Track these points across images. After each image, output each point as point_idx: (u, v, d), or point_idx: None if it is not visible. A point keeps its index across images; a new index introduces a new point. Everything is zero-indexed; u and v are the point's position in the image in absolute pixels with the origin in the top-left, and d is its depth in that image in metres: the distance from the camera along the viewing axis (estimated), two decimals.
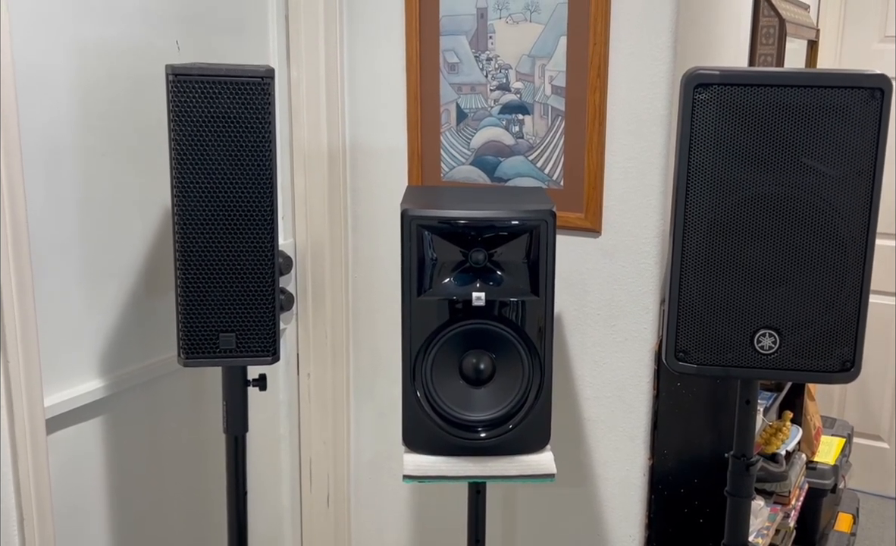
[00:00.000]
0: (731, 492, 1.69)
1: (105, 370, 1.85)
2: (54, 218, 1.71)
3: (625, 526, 2.10)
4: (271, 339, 1.65)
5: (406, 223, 1.60)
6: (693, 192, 1.48)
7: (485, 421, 1.66)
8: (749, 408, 1.66)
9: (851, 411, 3.89)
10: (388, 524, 2.43)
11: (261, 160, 1.57)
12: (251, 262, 1.61)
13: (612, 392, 2.07)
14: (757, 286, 1.50)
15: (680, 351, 1.55)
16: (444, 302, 1.64)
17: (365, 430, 2.41)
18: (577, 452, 2.13)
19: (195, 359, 1.63)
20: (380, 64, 2.19)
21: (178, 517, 2.10)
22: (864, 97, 1.42)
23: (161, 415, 2.01)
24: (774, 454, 2.48)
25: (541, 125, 2.03)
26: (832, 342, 1.51)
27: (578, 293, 2.06)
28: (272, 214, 1.60)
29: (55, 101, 1.69)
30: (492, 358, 1.66)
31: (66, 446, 1.79)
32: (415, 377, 1.65)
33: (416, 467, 1.66)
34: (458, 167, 2.15)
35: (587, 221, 2.01)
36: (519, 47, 2.02)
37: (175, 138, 1.53)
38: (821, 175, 1.45)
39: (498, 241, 1.64)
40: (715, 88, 1.44)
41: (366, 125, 2.24)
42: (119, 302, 1.87)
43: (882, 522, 3.70)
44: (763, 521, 2.31)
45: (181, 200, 1.56)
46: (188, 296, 1.60)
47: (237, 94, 1.53)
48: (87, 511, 1.87)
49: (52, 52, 1.67)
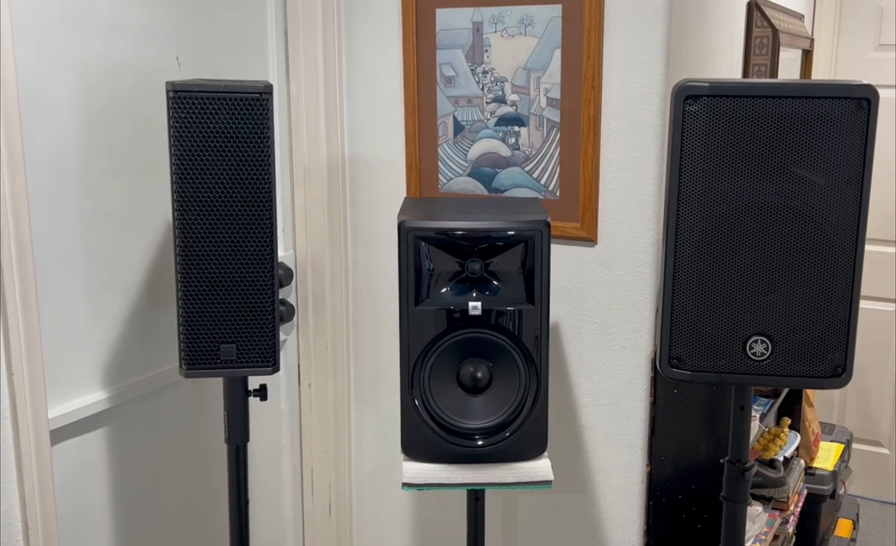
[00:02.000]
0: (727, 497, 1.70)
1: (108, 382, 1.88)
2: (58, 233, 1.74)
3: (624, 532, 2.12)
4: (271, 350, 1.67)
5: (403, 234, 1.63)
6: (684, 202, 1.50)
7: (482, 429, 1.68)
8: (743, 414, 1.68)
9: (851, 417, 3.90)
10: (390, 533, 2.45)
11: (260, 174, 1.60)
12: (251, 274, 1.63)
13: (609, 400, 2.09)
14: (749, 293, 1.52)
15: (674, 358, 1.57)
16: (442, 311, 1.66)
17: (366, 439, 2.43)
18: (575, 460, 2.15)
19: (196, 370, 1.65)
20: (378, 78, 2.22)
21: (180, 527, 2.12)
22: (852, 107, 1.44)
23: (163, 425, 2.04)
24: (772, 460, 2.50)
25: (536, 137, 2.06)
26: (824, 348, 1.52)
27: (575, 302, 2.08)
28: (271, 227, 1.63)
29: (58, 117, 1.72)
30: (489, 366, 1.68)
31: (70, 457, 1.82)
32: (413, 386, 1.67)
33: (415, 475, 1.68)
34: (455, 178, 2.17)
35: (583, 231, 2.04)
36: (514, 60, 2.05)
37: (175, 153, 1.56)
38: (810, 184, 1.47)
39: (494, 251, 1.66)
40: (704, 100, 1.46)
41: (364, 138, 2.27)
42: (122, 315, 1.90)
43: (883, 528, 3.71)
44: (761, 527, 2.32)
45: (182, 214, 1.59)
46: (189, 308, 1.62)
47: (236, 109, 1.56)
48: (91, 521, 1.89)
49: (54, 70, 1.70)
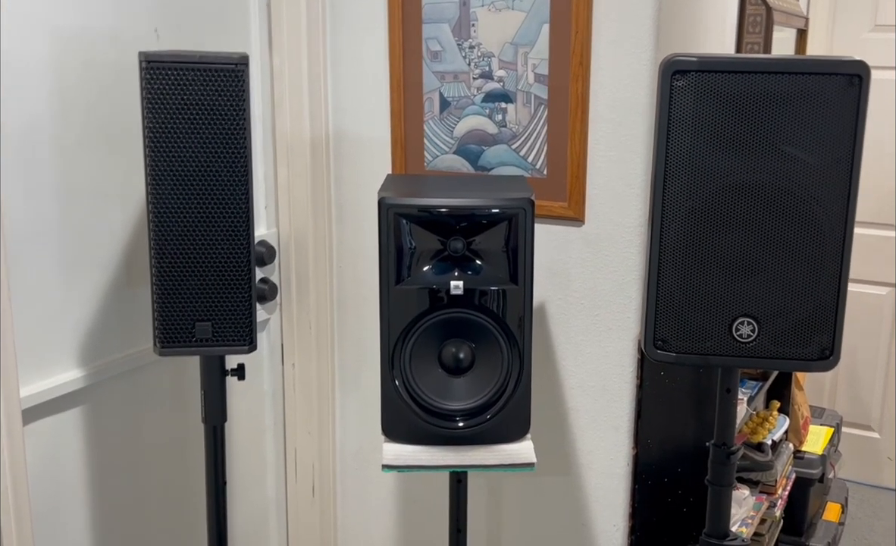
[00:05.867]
0: (712, 480, 1.69)
1: (84, 360, 1.84)
2: (31, 207, 1.70)
3: (609, 515, 2.10)
4: (248, 329, 1.64)
5: (383, 211, 1.59)
6: (671, 181, 1.47)
7: (464, 410, 1.66)
8: (730, 396, 1.66)
9: (842, 401, 3.89)
10: (374, 514, 2.43)
11: (236, 148, 1.56)
12: (227, 251, 1.60)
13: (595, 382, 2.06)
14: (735, 274, 1.49)
15: (659, 339, 1.54)
16: (423, 291, 1.63)
17: (350, 420, 2.40)
18: (561, 442, 2.12)
19: (171, 348, 1.62)
20: (362, 52, 2.18)
21: (158, 508, 2.09)
22: (843, 84, 1.41)
23: (141, 405, 2.00)
24: (760, 443, 2.48)
25: (524, 114, 2.02)
26: (811, 330, 1.50)
27: (562, 283, 2.05)
28: (247, 202, 1.59)
29: (32, 89, 1.67)
30: (471, 347, 1.65)
31: (44, 437, 1.78)
32: (393, 366, 1.64)
33: (396, 457, 1.66)
34: (441, 156, 2.13)
35: (570, 210, 2.00)
36: (502, 35, 2.01)
37: (149, 125, 1.52)
38: (799, 163, 1.44)
39: (476, 229, 1.63)
40: (693, 75, 1.42)
41: (349, 114, 2.23)
42: (98, 291, 1.86)
43: (872, 512, 3.71)
44: (748, 510, 2.31)
45: (155, 189, 1.55)
46: (163, 284, 1.59)
47: (211, 81, 1.52)
48: (66, 502, 1.86)
49: (29, 41, 1.66)
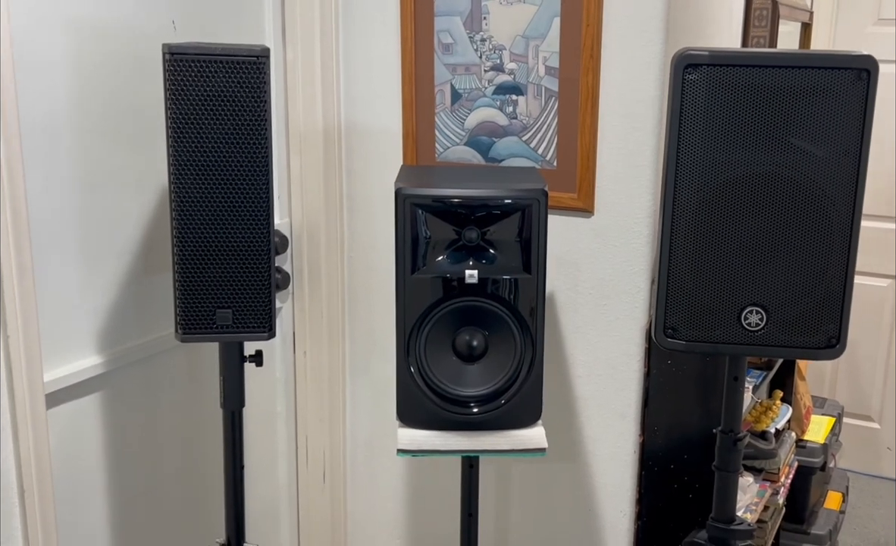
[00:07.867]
0: (719, 466, 1.72)
1: (104, 346, 1.88)
2: (53, 197, 1.73)
3: (616, 501, 2.14)
4: (267, 315, 1.67)
5: (400, 201, 1.63)
6: (682, 172, 1.50)
7: (477, 396, 1.69)
8: (737, 384, 1.69)
9: (843, 391, 3.93)
10: (384, 500, 2.47)
11: (256, 138, 1.59)
12: (247, 239, 1.63)
13: (603, 370, 2.10)
14: (745, 264, 1.52)
15: (669, 328, 1.58)
16: (438, 280, 1.66)
17: (361, 407, 2.44)
18: (569, 429, 2.16)
19: (192, 334, 1.66)
20: (375, 44, 2.21)
21: (175, 491, 2.13)
22: (851, 78, 1.44)
23: (159, 390, 2.04)
24: (764, 432, 2.51)
25: (534, 106, 2.05)
26: (818, 319, 1.53)
27: (571, 273, 2.08)
28: (268, 192, 1.62)
29: (53, 81, 1.70)
30: (484, 335, 1.68)
31: (66, 421, 1.82)
32: (409, 353, 1.68)
33: (410, 442, 1.69)
34: (452, 148, 2.16)
35: (580, 201, 2.03)
36: (513, 28, 2.04)
37: (171, 117, 1.55)
38: (808, 155, 1.47)
39: (491, 219, 1.66)
40: (704, 69, 1.46)
41: (361, 106, 2.26)
42: (118, 279, 1.90)
43: (872, 501, 3.75)
44: (752, 497, 2.34)
45: (178, 178, 1.58)
46: (185, 273, 1.62)
47: (233, 73, 1.55)
48: (86, 484, 1.89)
49: (49, 33, 1.69)
